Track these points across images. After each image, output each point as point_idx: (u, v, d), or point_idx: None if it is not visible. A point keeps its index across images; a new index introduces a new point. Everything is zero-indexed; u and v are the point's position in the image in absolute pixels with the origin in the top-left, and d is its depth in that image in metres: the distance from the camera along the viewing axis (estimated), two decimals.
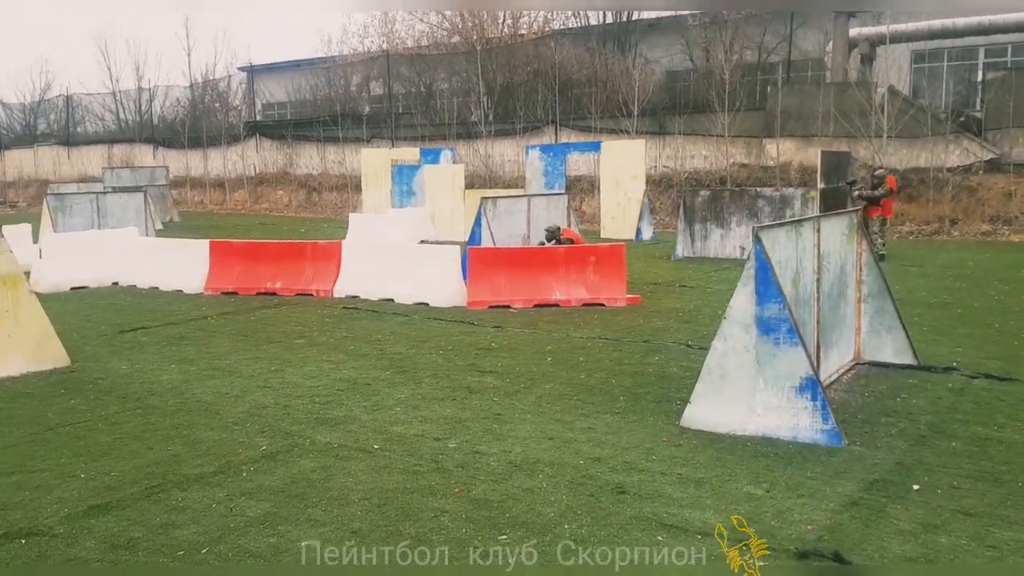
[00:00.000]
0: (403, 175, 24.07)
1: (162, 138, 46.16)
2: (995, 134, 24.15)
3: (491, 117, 32.14)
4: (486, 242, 14.19)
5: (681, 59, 33.63)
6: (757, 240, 5.96)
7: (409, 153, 27.15)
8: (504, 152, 31.66)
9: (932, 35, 27.33)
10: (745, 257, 15.82)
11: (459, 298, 11.83)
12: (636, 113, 27.64)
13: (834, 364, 7.56)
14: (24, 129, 55.89)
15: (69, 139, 52.37)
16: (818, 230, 6.97)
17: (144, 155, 47.28)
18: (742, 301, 6.07)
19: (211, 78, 48.05)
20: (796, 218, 7.14)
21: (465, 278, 11.95)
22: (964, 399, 6.83)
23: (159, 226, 28.22)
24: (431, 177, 23.26)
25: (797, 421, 5.92)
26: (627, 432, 6.24)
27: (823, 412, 5.84)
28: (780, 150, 25.79)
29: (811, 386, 5.88)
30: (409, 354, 9.00)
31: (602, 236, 22.66)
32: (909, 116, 23.49)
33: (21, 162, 52.93)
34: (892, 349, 7.98)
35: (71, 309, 12.21)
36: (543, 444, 6.02)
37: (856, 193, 16.55)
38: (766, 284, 5.95)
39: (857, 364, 8.02)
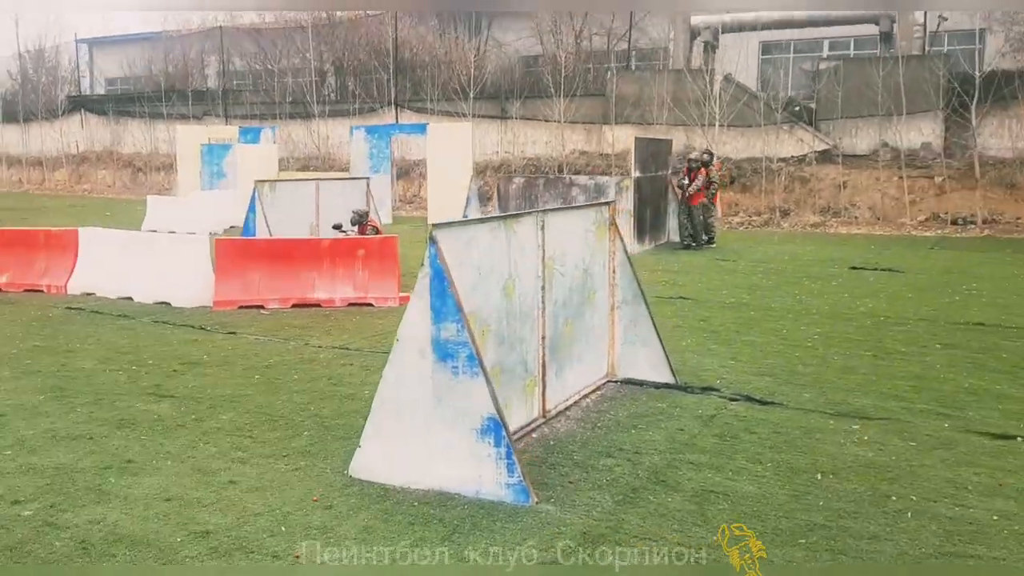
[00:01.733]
0: (214, 155, 21.94)
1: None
2: (828, 124, 24.17)
3: (327, 97, 30.19)
4: (261, 231, 12.55)
5: (533, 43, 32.51)
6: (432, 242, 4.67)
7: (228, 132, 24.94)
8: (343, 133, 29.79)
9: (773, 25, 27.25)
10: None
11: (206, 297, 10.17)
12: (472, 96, 26.35)
13: (575, 384, 6.41)
14: None
15: None
16: (543, 227, 5.76)
17: None
18: (415, 317, 4.77)
19: (38, 48, 43.68)
20: (514, 212, 5.90)
21: None
22: (709, 430, 5.79)
23: None
24: (242, 158, 21.25)
25: (480, 472, 4.67)
26: (278, 487, 4.85)
27: (508, 461, 4.62)
28: (618, 137, 25.06)
29: (494, 428, 4.64)
30: (91, 371, 7.33)
31: (429, 222, 21.28)
32: (742, 104, 23.21)
33: None
34: (648, 364, 6.92)
35: None
36: (154, 509, 4.55)
37: (674, 182, 15.83)
38: (442, 297, 4.66)
39: (609, 382, 6.92)
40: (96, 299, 10.66)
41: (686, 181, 15.62)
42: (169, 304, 10.25)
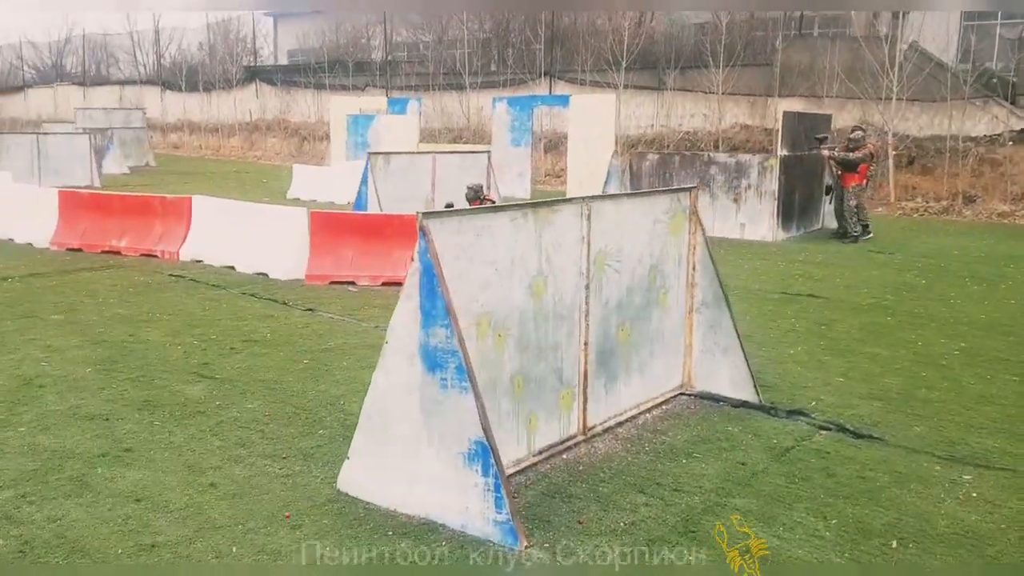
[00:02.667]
0: (358, 125, 22.09)
1: (168, 81, 44.91)
2: None
3: (479, 68, 29.91)
4: (372, 206, 12.30)
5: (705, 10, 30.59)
6: (422, 233, 3.98)
7: (378, 103, 25.18)
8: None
9: None
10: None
11: (301, 270, 9.99)
12: (624, 66, 25.18)
13: (633, 397, 5.55)
14: (52, 69, 55.06)
15: (85, 80, 51.53)
16: (588, 217, 4.92)
17: (152, 98, 46.18)
18: (404, 319, 4.11)
19: (226, 19, 46.35)
20: (559, 199, 5.07)
21: None
22: (777, 467, 4.79)
23: (125, 170, 26.82)
24: (384, 128, 21.28)
25: (467, 503, 3.97)
26: (256, 496, 4.37)
27: (496, 495, 3.88)
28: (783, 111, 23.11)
29: (482, 455, 3.91)
30: (153, 344, 7.21)
31: None
32: (925, 75, 20.74)
33: (42, 102, 52.14)
34: (728, 377, 5.92)
35: None
36: (118, 511, 4.19)
37: (826, 153, 14.19)
38: (432, 298, 3.97)
39: (683, 395, 5.99)
40: (201, 267, 10.75)
41: (850, 156, 13.85)
42: (267, 276, 10.15)
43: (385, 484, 4.23)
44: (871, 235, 13.95)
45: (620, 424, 5.37)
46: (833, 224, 14.70)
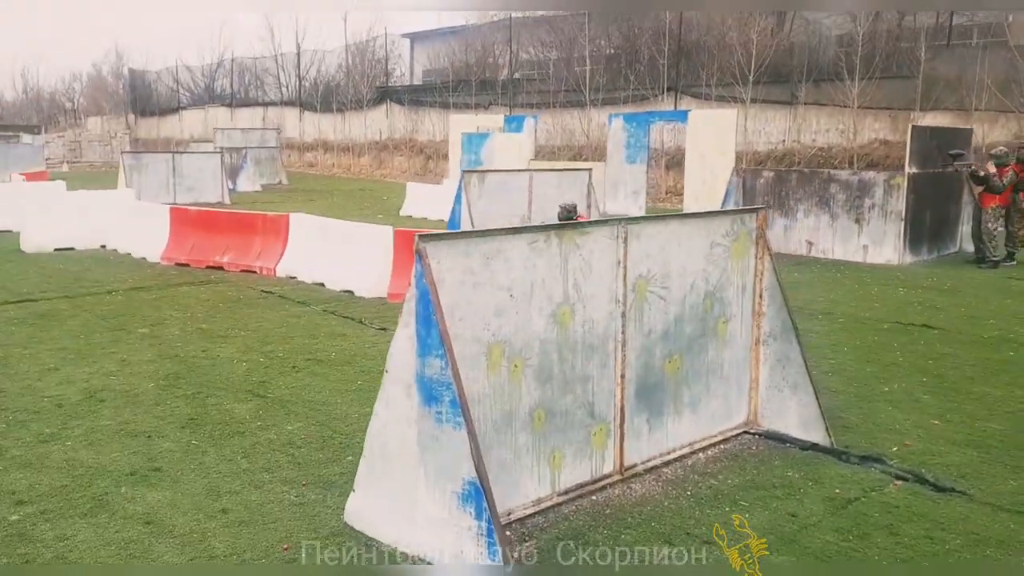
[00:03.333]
0: (472, 143, 22.23)
1: (307, 102, 47.02)
2: None
3: (601, 84, 29.54)
4: (465, 224, 12.21)
5: (846, 20, 28.99)
6: (418, 256, 3.73)
7: (495, 120, 25.29)
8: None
9: None
10: (810, 254, 12.77)
11: (383, 288, 9.98)
12: (751, 79, 24.22)
13: (683, 435, 5.07)
14: (205, 92, 58.93)
15: (233, 101, 54.79)
16: (624, 239, 4.53)
17: (292, 118, 48.54)
18: (402, 347, 3.86)
19: (363, 41, 48.02)
20: (612, 217, 4.66)
21: None
22: (833, 522, 4.22)
23: (257, 187, 28.08)
24: (499, 146, 21.31)
25: (462, 546, 3.67)
26: (263, 525, 4.22)
27: (488, 540, 3.56)
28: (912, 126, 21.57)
29: (475, 496, 3.60)
30: (222, 360, 7.30)
31: None
32: None
33: (194, 122, 55.86)
34: (798, 416, 5.34)
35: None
36: (125, 533, 4.14)
37: (965, 171, 12.99)
38: (427, 325, 3.70)
39: (746, 433, 5.45)
40: (294, 284, 10.94)
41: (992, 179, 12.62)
42: (352, 293, 10.20)
43: (387, 519, 3.99)
44: (1013, 262, 12.61)
45: (667, 464, 4.92)
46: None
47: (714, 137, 19.45)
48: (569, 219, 11.77)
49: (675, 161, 26.49)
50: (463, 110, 34.22)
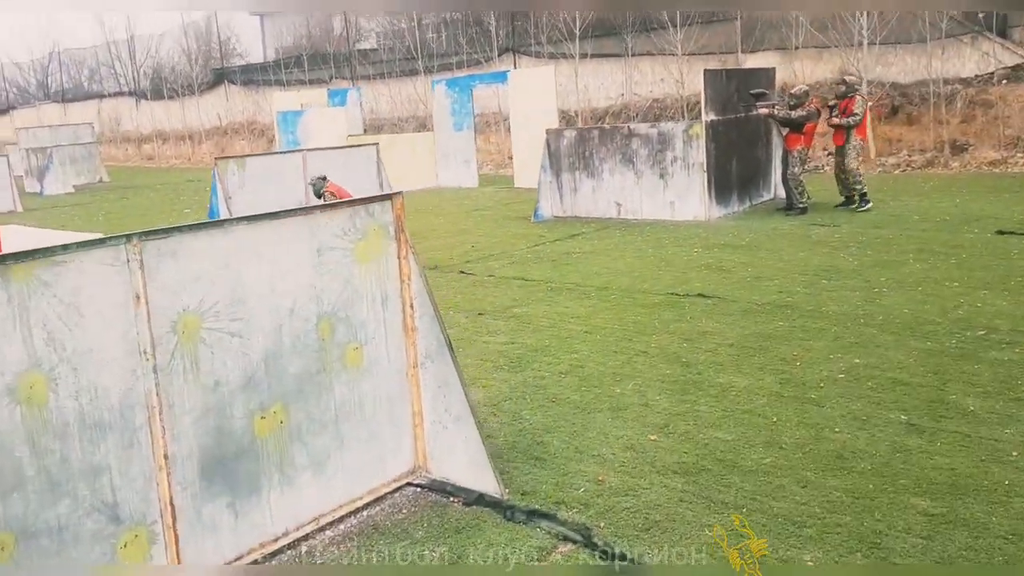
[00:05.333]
0: (287, 122, 20.54)
1: (143, 91, 43.75)
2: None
3: (434, 51, 28.10)
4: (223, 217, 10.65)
5: None
6: None
7: (317, 95, 23.57)
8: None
9: None
10: (620, 216, 11.74)
11: None
12: (578, 34, 23.23)
13: (309, 508, 3.85)
14: (39, 89, 54.27)
15: (64, 97, 50.73)
16: (141, 264, 3.22)
17: (128, 109, 45.18)
18: None
19: (199, 22, 44.77)
20: (119, 236, 3.32)
21: None
22: None
23: (69, 188, 25.38)
24: (313, 124, 19.69)
25: None
26: None
27: None
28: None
29: None
30: None
31: (516, 186, 18.87)
32: (897, 14, 18.58)
33: (27, 122, 51.40)
34: (466, 458, 4.20)
35: None
36: None
37: (764, 111, 12.24)
38: None
39: (409, 485, 4.28)
40: None
41: (793, 114, 11.90)
42: None
43: None
44: (869, 205, 11.90)
45: (272, 555, 3.69)
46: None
47: (536, 97, 18.40)
48: (318, 193, 10.50)
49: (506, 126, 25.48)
50: (303, 87, 32.22)
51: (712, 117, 11.98)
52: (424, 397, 4.28)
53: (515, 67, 26.17)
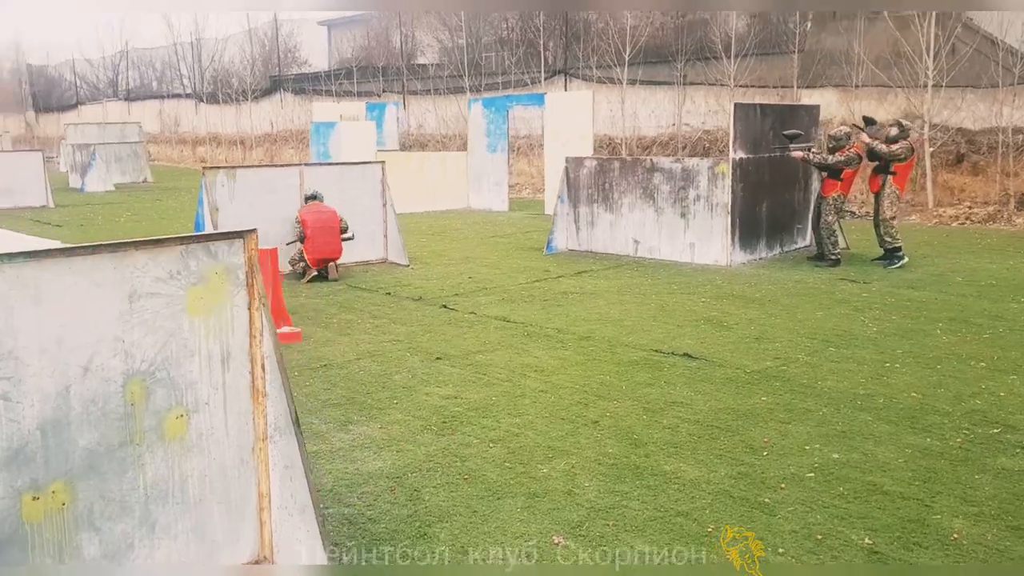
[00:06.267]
0: (319, 134, 20.20)
1: (205, 94, 44.34)
2: None
3: (484, 70, 27.60)
4: (209, 231, 10.16)
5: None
6: None
7: (358, 109, 23.25)
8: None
9: None
10: (636, 254, 10.97)
11: None
12: (627, 59, 22.48)
13: None
14: (109, 86, 55.68)
15: (129, 95, 51.92)
16: None
17: (188, 111, 45.92)
18: None
19: (262, 28, 45.25)
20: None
21: None
22: None
23: (109, 187, 25.51)
24: (346, 136, 19.29)
25: None
26: None
27: None
28: (814, 103, 19.96)
29: None
30: None
31: (546, 213, 18.13)
32: (967, 55, 17.38)
33: (94, 117, 52.74)
34: (307, 556, 3.47)
35: None
36: None
37: (799, 154, 11.28)
38: None
39: None
40: None
41: (830, 159, 10.95)
42: None
43: None
44: (904, 260, 10.86)
45: None
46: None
47: (572, 121, 17.71)
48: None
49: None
50: (352, 98, 32.09)
51: (741, 155, 11.09)
52: (272, 477, 3.57)
53: (565, 90, 25.56)
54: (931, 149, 17.72)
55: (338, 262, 10.60)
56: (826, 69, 21.04)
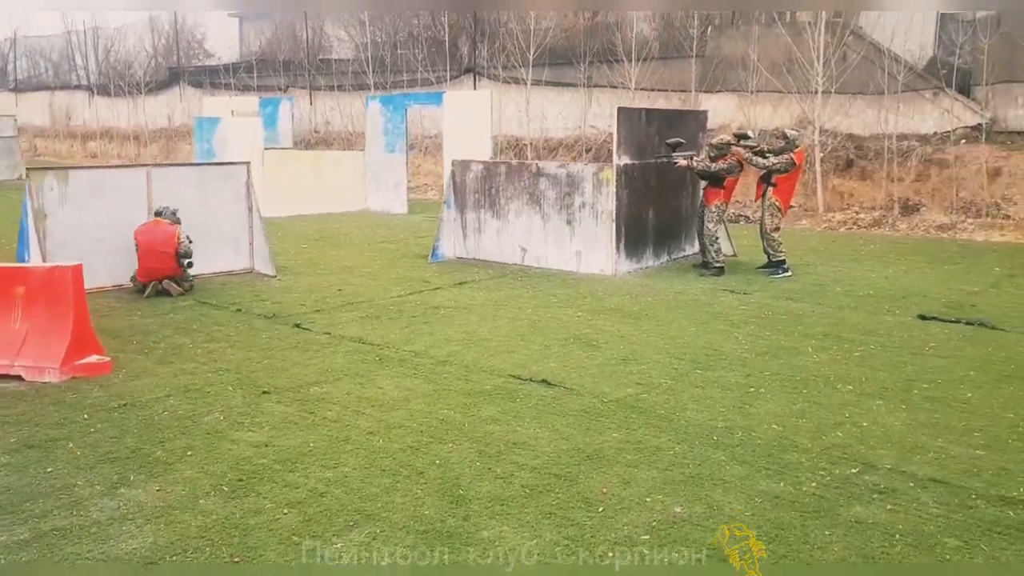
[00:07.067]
0: (203, 129, 19.09)
1: (99, 86, 42.05)
2: (987, 92, 17.89)
3: (393, 66, 26.74)
4: (33, 244, 9.17)
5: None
6: None
7: (250, 103, 22.15)
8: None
9: None
10: (524, 263, 10.21)
11: None
12: (531, 60, 22.01)
13: None
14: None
15: (17, 86, 49.06)
16: None
17: (81, 103, 43.55)
18: None
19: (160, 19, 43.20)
20: None
21: None
22: None
23: None
24: (231, 133, 18.25)
25: None
26: None
27: None
28: (714, 108, 19.81)
29: None
30: None
31: None
32: (854, 63, 17.50)
33: None
34: None
35: None
36: None
37: (682, 162, 10.92)
38: None
39: None
40: None
41: (712, 166, 10.65)
42: None
43: None
44: (788, 273, 10.61)
45: None
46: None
47: (471, 121, 17.13)
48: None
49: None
50: (255, 92, 30.76)
51: (626, 161, 10.68)
52: None
53: (474, 89, 24.94)
54: (821, 154, 17.79)
55: (191, 274, 9.74)
56: (724, 74, 20.99)
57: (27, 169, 9.27)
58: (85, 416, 5.64)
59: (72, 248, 9.44)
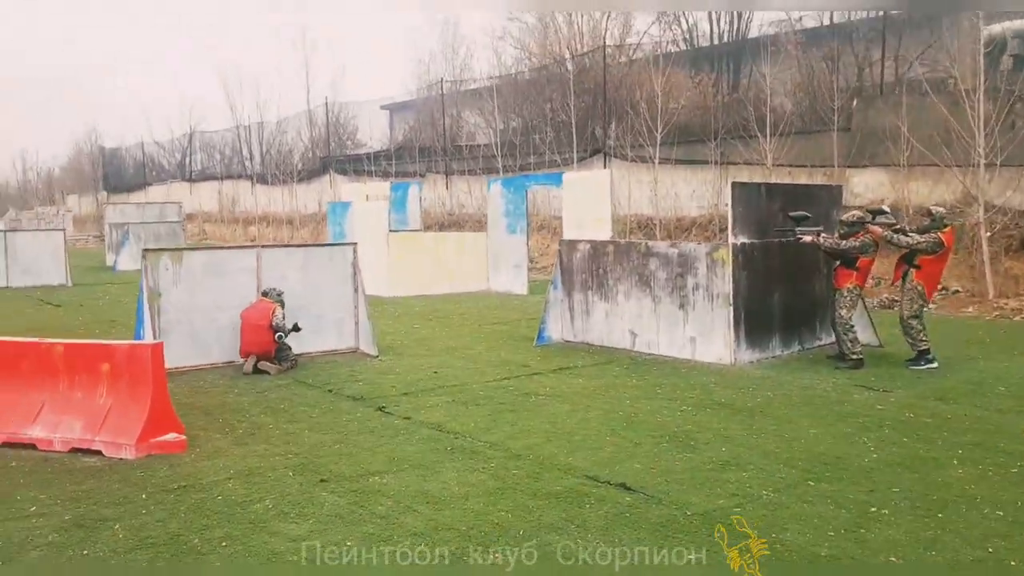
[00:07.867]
0: (336, 213, 19.64)
1: (259, 175, 45.07)
2: None
3: (520, 149, 26.97)
4: (146, 322, 9.34)
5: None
6: None
7: (382, 189, 22.75)
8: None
9: None
10: (634, 348, 9.56)
11: None
12: (659, 138, 21.51)
13: None
14: (177, 167, 57.33)
15: (191, 176, 53.38)
16: None
17: (244, 191, 46.75)
18: None
19: (316, 109, 45.97)
20: None
21: None
22: None
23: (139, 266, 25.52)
24: (359, 217, 18.65)
25: None
26: None
27: None
28: (866, 184, 18.57)
29: None
30: None
31: None
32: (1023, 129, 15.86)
33: (159, 198, 54.32)
34: None
35: None
36: None
37: (808, 239, 9.88)
38: None
39: None
40: None
41: (843, 244, 9.65)
42: None
43: None
44: (933, 364, 9.41)
45: None
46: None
47: (590, 202, 16.72)
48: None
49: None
50: (395, 178, 31.92)
51: (743, 240, 9.83)
52: None
53: (605, 168, 24.69)
54: (988, 234, 16.08)
55: (292, 354, 9.70)
56: (872, 148, 19.65)
57: (144, 250, 9.52)
58: (143, 496, 5.44)
59: (185, 326, 9.65)
